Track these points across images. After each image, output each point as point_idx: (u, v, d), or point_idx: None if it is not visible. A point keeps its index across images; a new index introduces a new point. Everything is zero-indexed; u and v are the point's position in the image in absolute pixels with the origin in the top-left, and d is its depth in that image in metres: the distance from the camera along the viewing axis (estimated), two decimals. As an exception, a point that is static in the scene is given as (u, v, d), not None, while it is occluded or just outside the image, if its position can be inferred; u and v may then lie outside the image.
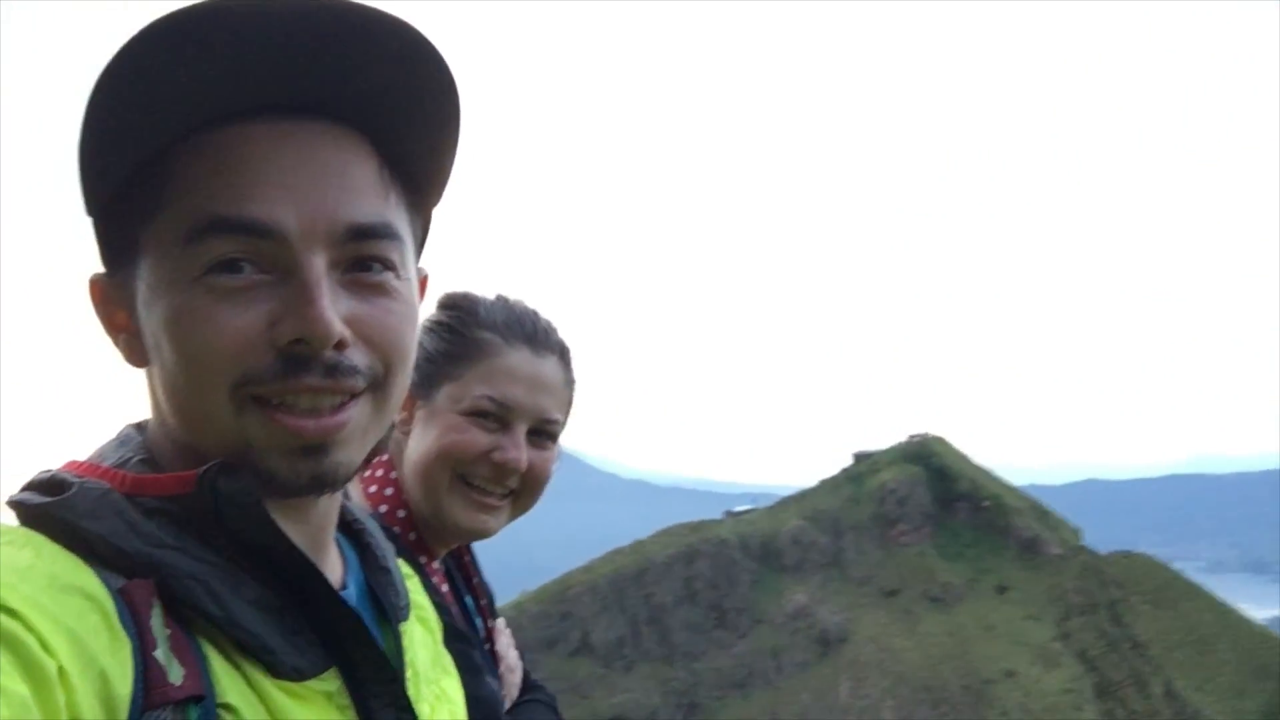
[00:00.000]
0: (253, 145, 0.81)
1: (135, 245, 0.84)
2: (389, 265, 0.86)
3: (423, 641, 1.04)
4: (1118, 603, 72.35)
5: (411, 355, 0.90)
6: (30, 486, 0.84)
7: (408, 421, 1.67)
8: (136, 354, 0.88)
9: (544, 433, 1.67)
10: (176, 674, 0.74)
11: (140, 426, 0.91)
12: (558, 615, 71.87)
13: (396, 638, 0.97)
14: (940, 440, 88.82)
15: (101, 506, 0.80)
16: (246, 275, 0.80)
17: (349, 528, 1.03)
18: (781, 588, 77.28)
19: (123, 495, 0.81)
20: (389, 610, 0.98)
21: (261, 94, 0.81)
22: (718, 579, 75.95)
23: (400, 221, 0.88)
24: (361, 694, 0.85)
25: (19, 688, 0.64)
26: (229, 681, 0.78)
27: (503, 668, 1.74)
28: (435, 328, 1.69)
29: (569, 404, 1.72)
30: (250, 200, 0.80)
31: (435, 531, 1.69)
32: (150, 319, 0.83)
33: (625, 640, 72.38)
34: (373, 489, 1.69)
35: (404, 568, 1.11)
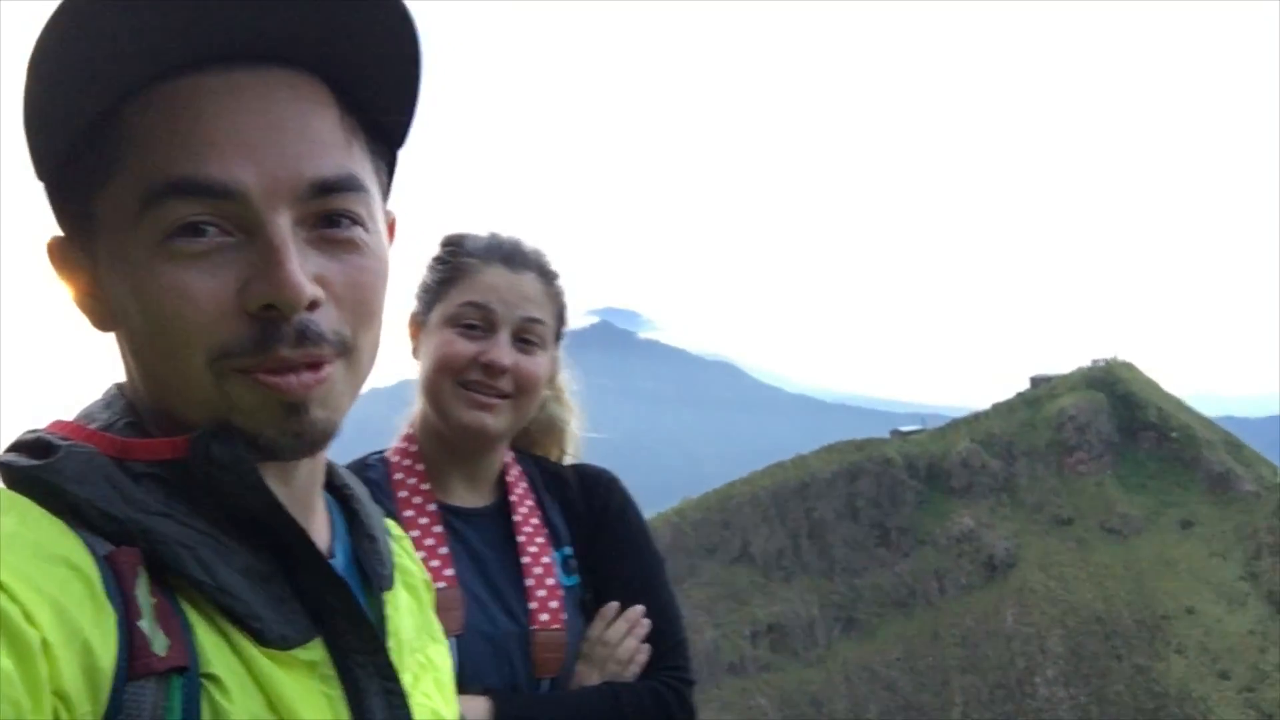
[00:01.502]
0: (207, 98, 0.78)
1: (92, 209, 0.81)
2: (357, 219, 0.84)
3: (408, 608, 1.03)
4: (1317, 545, 67.73)
5: (382, 312, 0.87)
6: (15, 448, 0.82)
7: (416, 349, 1.88)
8: (102, 318, 0.86)
9: (529, 339, 1.81)
10: (161, 644, 0.73)
11: (124, 387, 0.89)
12: (719, 523, 73.10)
13: (380, 606, 0.96)
14: (1128, 366, 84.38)
15: (89, 471, 0.78)
16: (210, 238, 0.78)
17: (338, 492, 1.01)
18: (947, 510, 76.01)
19: (110, 459, 0.80)
20: (373, 578, 0.97)
21: (213, 42, 0.78)
22: (881, 498, 75.33)
23: (365, 171, 0.86)
24: (346, 663, 0.85)
25: (2, 661, 0.63)
26: (214, 651, 0.77)
27: (600, 652, 1.78)
28: (431, 263, 1.89)
29: (556, 315, 1.88)
30: (208, 160, 0.77)
31: (452, 442, 1.83)
32: (115, 285, 0.81)
33: (785, 552, 73.07)
34: (395, 444, 1.89)
35: (393, 529, 1.10)
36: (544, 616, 1.76)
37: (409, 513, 1.77)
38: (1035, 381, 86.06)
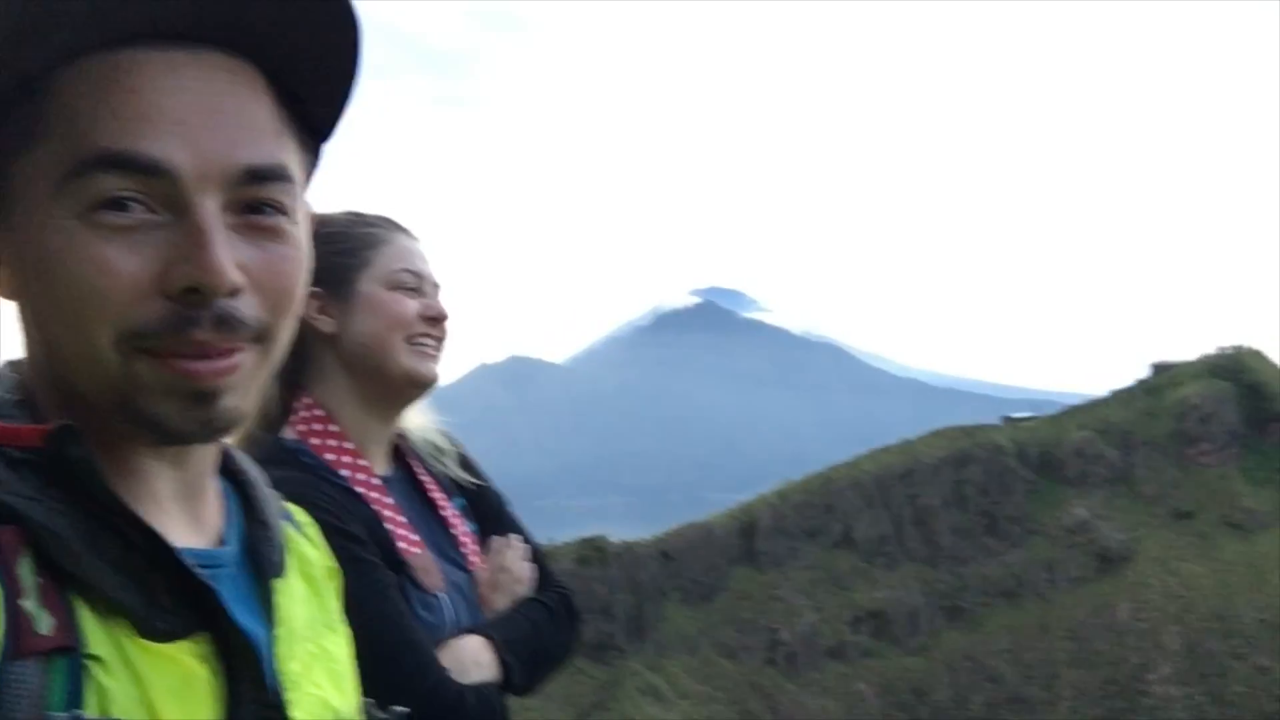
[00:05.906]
0: (145, 75, 0.77)
1: (7, 174, 0.79)
2: (282, 209, 0.82)
3: (301, 597, 1.00)
4: None
5: (300, 303, 0.86)
6: None
7: (331, 321, 1.93)
8: (4, 287, 0.83)
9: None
10: (45, 624, 0.72)
11: (17, 365, 0.87)
12: (821, 507, 72.45)
13: (270, 593, 0.94)
14: (1256, 354, 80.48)
15: None
16: (134, 214, 0.76)
17: (234, 477, 0.99)
18: (1060, 500, 73.85)
19: None
20: (264, 565, 0.94)
21: (156, 19, 0.76)
22: (990, 485, 73.58)
23: (293, 163, 0.85)
24: (234, 661, 0.83)
25: None
26: (98, 635, 0.76)
27: (505, 579, 1.98)
28: (326, 239, 1.87)
29: None
30: (142, 136, 0.75)
31: (387, 401, 1.97)
32: (25, 254, 0.79)
33: (889, 538, 72.06)
34: (303, 427, 1.92)
35: (300, 515, 1.09)
36: (475, 560, 1.98)
37: (361, 489, 1.84)
38: (1156, 368, 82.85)
